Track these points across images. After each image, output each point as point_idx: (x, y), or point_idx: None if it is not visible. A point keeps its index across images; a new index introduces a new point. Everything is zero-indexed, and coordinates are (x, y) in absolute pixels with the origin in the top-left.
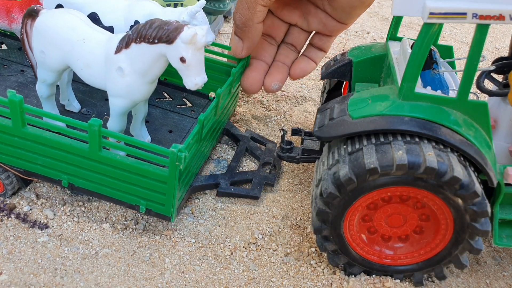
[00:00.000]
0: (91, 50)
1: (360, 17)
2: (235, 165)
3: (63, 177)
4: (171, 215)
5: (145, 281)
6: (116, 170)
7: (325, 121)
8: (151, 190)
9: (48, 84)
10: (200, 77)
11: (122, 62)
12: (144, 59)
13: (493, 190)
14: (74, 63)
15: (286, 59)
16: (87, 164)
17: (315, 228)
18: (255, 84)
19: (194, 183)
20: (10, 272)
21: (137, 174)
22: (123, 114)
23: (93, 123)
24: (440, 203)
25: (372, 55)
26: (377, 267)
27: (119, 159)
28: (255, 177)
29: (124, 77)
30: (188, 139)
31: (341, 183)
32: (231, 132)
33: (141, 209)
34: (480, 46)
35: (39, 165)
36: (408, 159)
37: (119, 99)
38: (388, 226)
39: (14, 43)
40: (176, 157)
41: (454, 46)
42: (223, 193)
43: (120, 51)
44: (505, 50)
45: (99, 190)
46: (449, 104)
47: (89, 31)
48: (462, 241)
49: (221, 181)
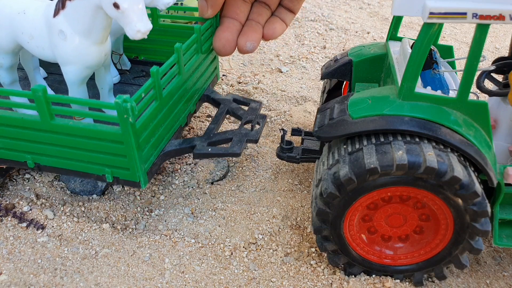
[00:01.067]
0: (33, 20)
1: (360, 17)
2: (213, 126)
3: (27, 157)
4: (139, 180)
5: (145, 281)
6: (72, 138)
7: (325, 121)
8: (111, 154)
9: (6, 68)
10: (141, 23)
11: (62, 25)
12: (82, 16)
13: (493, 190)
14: (20, 37)
15: (259, 18)
16: (44, 138)
17: (315, 228)
18: (228, 45)
19: (166, 148)
20: (10, 272)
21: (92, 138)
22: (79, 83)
23: (36, 88)
24: (440, 203)
25: (372, 55)
26: (377, 267)
27: (71, 125)
28: (235, 135)
29: (67, 40)
30: (139, 91)
31: (341, 183)
32: (212, 97)
33: (107, 178)
34: (480, 46)
35: (2, 148)
36: (408, 159)
37: (69, 66)
38: (388, 226)
39: None
40: (122, 108)
41: (454, 46)
42: (199, 155)
43: (58, 14)
44: (505, 50)
45: (64, 165)
46: (449, 104)
47: (29, 2)
48: (462, 241)
49: (197, 143)
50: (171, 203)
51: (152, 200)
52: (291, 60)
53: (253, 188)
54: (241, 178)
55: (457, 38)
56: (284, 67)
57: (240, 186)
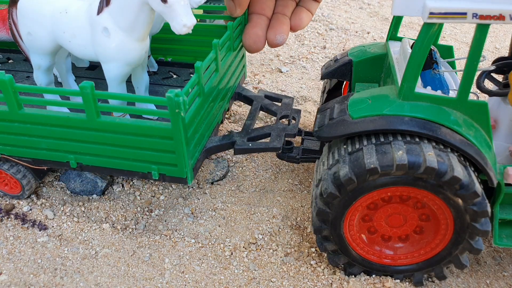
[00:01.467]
0: (75, 19)
1: (360, 17)
2: (250, 122)
3: (70, 157)
4: (186, 176)
5: (145, 281)
6: (119, 136)
7: (325, 121)
8: (159, 151)
9: (44, 69)
10: (187, 17)
11: (106, 22)
12: (127, 12)
13: (493, 190)
14: (61, 36)
15: (285, 10)
16: (89, 136)
17: (315, 228)
18: (258, 41)
19: (208, 145)
20: (10, 272)
21: (140, 134)
22: (120, 81)
23: (84, 85)
24: (440, 203)
25: (372, 55)
26: (377, 267)
27: (118, 122)
28: (273, 130)
29: (110, 37)
30: (186, 86)
31: (341, 183)
32: (243, 95)
33: (154, 175)
34: (480, 46)
35: (44, 149)
36: (408, 159)
37: (111, 63)
38: (388, 226)
39: (20, 56)
40: (174, 102)
41: (454, 46)
42: (240, 150)
43: (102, 11)
44: (505, 50)
45: (108, 164)
46: (449, 104)
47: (70, 1)
48: (462, 241)
49: (237, 139)
50: (171, 203)
51: (152, 200)
52: (291, 60)
53: (253, 188)
54: (241, 178)
55: (457, 38)
56: (284, 67)
57: (240, 186)
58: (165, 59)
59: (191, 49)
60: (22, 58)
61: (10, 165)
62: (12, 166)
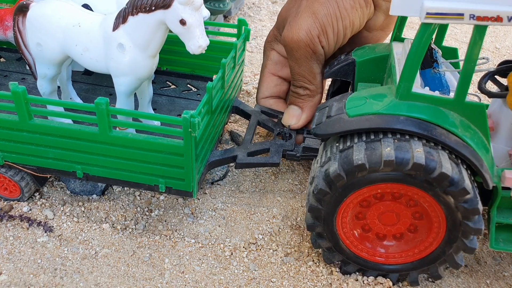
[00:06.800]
0: (88, 33)
1: None
2: (249, 137)
3: (76, 167)
4: (192, 190)
5: (145, 281)
6: (130, 150)
7: (323, 118)
8: (168, 166)
9: (49, 79)
10: (202, 38)
11: (121, 38)
12: (144, 31)
13: (491, 194)
14: (73, 49)
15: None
16: (99, 149)
17: (308, 224)
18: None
19: (210, 158)
20: (10, 272)
21: (152, 150)
22: (129, 94)
23: (99, 101)
24: (431, 201)
25: (376, 55)
26: (371, 265)
27: (131, 137)
28: (272, 146)
29: (125, 53)
30: (199, 106)
31: (331, 179)
32: (241, 109)
33: (160, 188)
34: (478, 47)
35: (51, 159)
36: (396, 155)
37: (123, 77)
38: (381, 224)
39: (12, 55)
40: (190, 123)
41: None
42: (241, 165)
43: (118, 27)
44: (505, 50)
45: (115, 176)
46: (446, 105)
47: (83, 15)
48: (456, 240)
49: (238, 154)
50: (171, 203)
51: (152, 200)
52: None
53: (253, 188)
54: (241, 178)
55: (457, 38)
56: None
57: (240, 186)
58: (162, 68)
59: (187, 60)
60: (15, 58)
61: (8, 168)
62: (10, 168)
